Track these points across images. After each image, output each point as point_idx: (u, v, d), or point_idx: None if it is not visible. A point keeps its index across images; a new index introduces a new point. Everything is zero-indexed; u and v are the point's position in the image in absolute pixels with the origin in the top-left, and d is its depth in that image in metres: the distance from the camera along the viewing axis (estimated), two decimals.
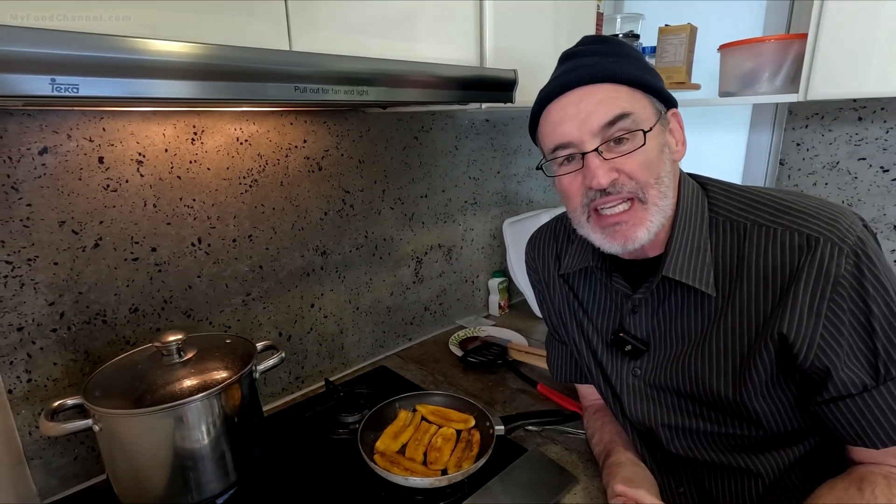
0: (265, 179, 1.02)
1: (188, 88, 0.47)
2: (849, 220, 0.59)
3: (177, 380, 0.75)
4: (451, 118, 1.36)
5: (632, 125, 0.61)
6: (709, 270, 0.65)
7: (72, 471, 0.87)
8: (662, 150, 0.64)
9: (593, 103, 0.62)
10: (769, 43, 1.13)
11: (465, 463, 0.82)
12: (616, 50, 0.65)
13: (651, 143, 0.62)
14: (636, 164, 0.62)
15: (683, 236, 0.66)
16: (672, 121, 0.67)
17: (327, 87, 0.58)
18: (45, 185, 0.78)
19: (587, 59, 0.64)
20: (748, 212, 0.65)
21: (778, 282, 0.60)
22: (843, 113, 1.31)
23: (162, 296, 0.93)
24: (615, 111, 0.61)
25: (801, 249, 0.59)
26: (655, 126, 0.63)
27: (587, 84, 0.62)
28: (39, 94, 0.39)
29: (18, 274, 0.77)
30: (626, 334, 0.75)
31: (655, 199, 0.63)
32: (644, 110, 0.63)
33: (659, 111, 0.65)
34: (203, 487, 0.76)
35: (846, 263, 0.57)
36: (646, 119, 0.62)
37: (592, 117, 0.62)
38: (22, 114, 0.74)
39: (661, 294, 0.70)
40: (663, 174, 0.64)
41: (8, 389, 0.79)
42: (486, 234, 1.57)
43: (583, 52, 0.66)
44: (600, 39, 0.69)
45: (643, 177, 0.62)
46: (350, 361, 1.28)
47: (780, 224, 0.61)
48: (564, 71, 0.65)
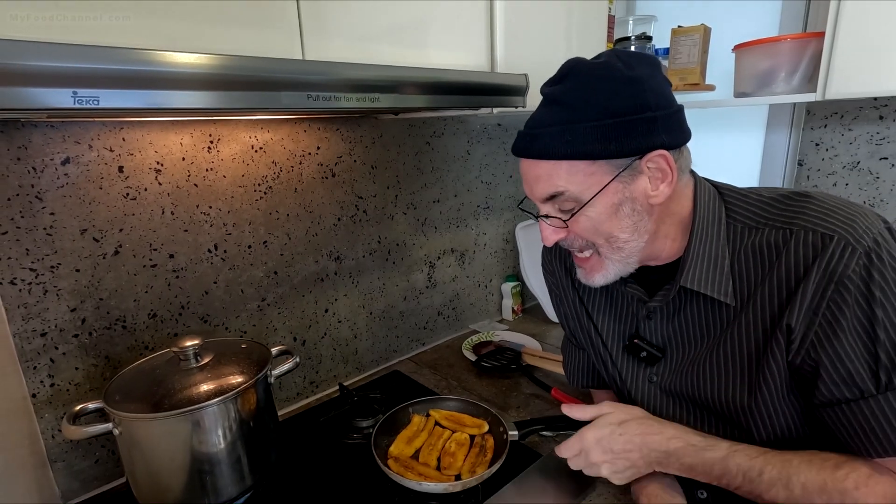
0: (279, 186, 1.04)
1: (205, 98, 0.48)
2: (868, 220, 0.58)
3: (194, 384, 0.76)
4: (463, 123, 1.36)
5: (566, 201, 0.63)
6: (727, 280, 0.64)
7: (93, 474, 0.89)
8: (618, 209, 0.62)
9: (533, 178, 0.64)
10: (785, 42, 1.12)
11: (479, 468, 0.82)
12: (573, 102, 0.60)
13: (596, 209, 0.62)
14: (580, 228, 0.64)
15: (701, 245, 0.65)
16: (651, 165, 0.61)
17: (339, 94, 0.59)
18: (67, 195, 0.80)
19: (538, 118, 0.63)
20: (765, 215, 0.64)
21: (792, 281, 0.59)
22: (863, 112, 1.28)
23: (179, 301, 0.95)
24: (549, 190, 0.63)
25: (815, 248, 0.58)
26: (607, 188, 0.61)
27: (530, 157, 0.63)
28: (62, 107, 0.40)
29: (42, 281, 0.79)
30: (641, 340, 0.74)
31: (608, 253, 0.66)
32: (586, 181, 0.61)
33: (617, 169, 0.60)
34: (220, 491, 0.77)
35: (855, 264, 0.55)
36: (588, 189, 0.61)
37: (535, 190, 0.65)
38: (45, 126, 0.76)
39: (678, 302, 0.69)
40: (617, 232, 0.63)
41: (32, 394, 0.81)
42: (499, 239, 1.56)
43: (547, 96, 0.64)
44: (567, 76, 0.62)
45: (590, 237, 0.65)
46: (364, 366, 1.28)
47: (796, 224, 0.60)
48: (525, 127, 0.64)
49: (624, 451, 0.67)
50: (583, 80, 0.61)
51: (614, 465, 0.68)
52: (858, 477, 0.57)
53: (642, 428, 0.68)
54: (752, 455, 0.62)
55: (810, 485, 0.58)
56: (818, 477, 0.58)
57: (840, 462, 0.59)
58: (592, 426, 0.70)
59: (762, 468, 0.61)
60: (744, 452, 0.63)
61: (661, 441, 0.66)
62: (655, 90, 0.60)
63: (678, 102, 0.64)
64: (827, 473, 0.58)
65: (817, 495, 0.58)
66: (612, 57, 0.62)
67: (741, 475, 0.62)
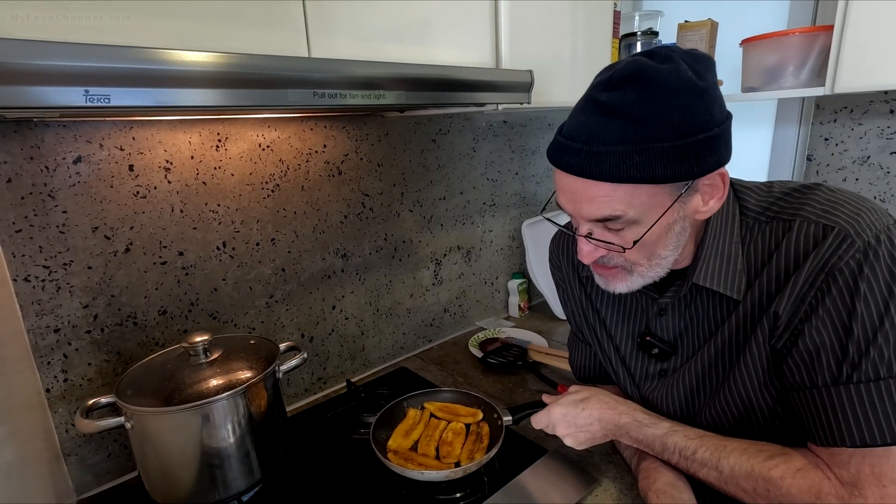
0: (287, 184, 1.05)
1: (212, 96, 0.49)
2: (874, 216, 0.57)
3: (203, 379, 0.77)
4: (469, 120, 1.36)
5: (624, 224, 0.58)
6: (740, 277, 0.64)
7: (105, 467, 0.90)
8: (671, 228, 0.59)
9: (585, 198, 0.57)
10: (794, 36, 1.11)
11: (478, 454, 0.83)
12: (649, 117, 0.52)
13: (654, 231, 0.58)
14: (632, 251, 0.61)
15: (714, 243, 0.65)
16: (707, 182, 0.58)
17: (345, 91, 0.60)
18: (79, 193, 0.81)
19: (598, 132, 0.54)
20: (774, 209, 0.64)
21: (784, 270, 0.60)
22: (873, 106, 1.27)
23: (189, 298, 0.96)
24: (605, 212, 0.57)
25: (816, 239, 0.57)
26: (666, 213, 0.57)
27: (584, 176, 0.56)
28: (75, 105, 0.41)
29: (55, 278, 0.81)
30: (652, 337, 0.75)
31: (642, 271, 0.64)
32: (646, 204, 0.56)
33: (679, 191, 0.57)
34: (229, 484, 0.78)
35: (850, 257, 0.55)
36: (647, 212, 0.57)
37: (583, 209, 0.59)
38: (57, 125, 0.78)
39: (689, 298, 0.70)
40: (661, 250, 0.61)
41: (46, 388, 0.83)
42: (505, 236, 1.57)
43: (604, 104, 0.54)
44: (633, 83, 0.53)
45: (634, 259, 0.62)
46: (371, 362, 1.29)
47: (800, 215, 0.60)
48: (571, 136, 0.56)
49: (586, 424, 0.75)
50: (653, 90, 0.53)
51: (576, 437, 0.76)
52: (787, 469, 0.59)
53: (600, 405, 0.75)
54: (689, 436, 0.68)
55: (738, 469, 0.62)
56: (747, 463, 0.61)
57: (774, 453, 0.61)
58: (558, 403, 0.78)
59: (696, 449, 0.66)
60: (682, 433, 0.69)
61: (614, 416, 0.74)
62: (719, 101, 0.56)
63: None
64: (756, 461, 0.61)
65: (743, 479, 0.61)
66: (680, 62, 0.54)
67: (678, 453, 0.68)
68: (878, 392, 0.53)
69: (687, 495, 0.68)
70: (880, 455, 0.54)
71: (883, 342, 0.53)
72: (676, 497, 0.67)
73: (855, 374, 0.54)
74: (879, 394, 0.53)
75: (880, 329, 0.53)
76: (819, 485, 0.56)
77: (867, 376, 0.54)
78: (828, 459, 0.58)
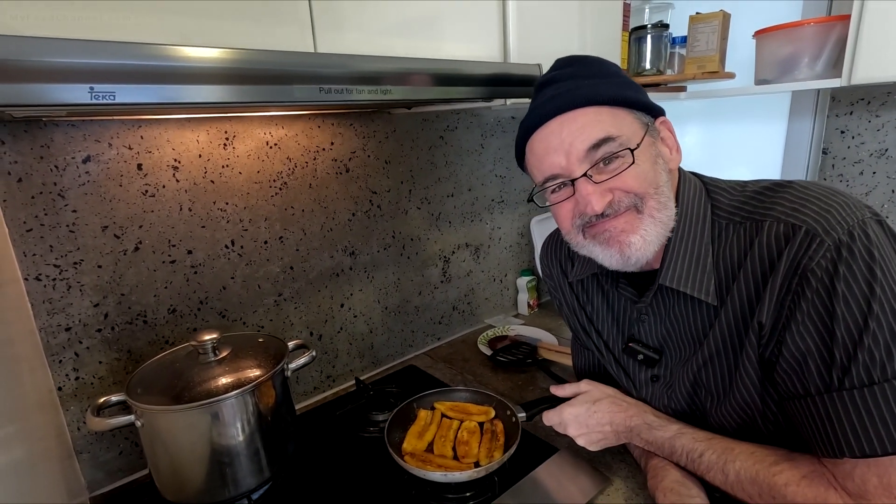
0: (294, 182, 1.05)
1: (217, 93, 0.49)
2: (846, 211, 0.54)
3: (213, 378, 0.77)
4: (477, 116, 1.35)
5: (618, 147, 0.60)
6: (709, 278, 0.63)
7: (117, 465, 0.91)
8: (656, 161, 0.63)
9: (575, 129, 0.61)
10: (808, 27, 1.08)
11: (496, 453, 0.82)
12: (592, 70, 0.65)
13: (642, 158, 0.61)
14: (631, 178, 0.61)
15: (682, 244, 0.64)
16: (662, 129, 0.66)
17: (351, 87, 0.59)
18: (88, 192, 0.82)
19: (564, 85, 0.63)
20: (747, 208, 0.62)
21: (760, 274, 0.58)
22: (891, 97, 1.24)
23: (198, 297, 0.96)
24: (598, 135, 0.60)
25: (785, 238, 0.56)
26: (644, 140, 0.62)
27: (566, 111, 0.62)
28: (80, 103, 0.41)
29: (66, 277, 0.81)
30: (636, 343, 0.74)
31: (653, 210, 0.62)
32: (629, 127, 0.62)
33: (646, 124, 0.64)
34: (239, 482, 0.78)
35: (822, 257, 0.53)
36: (632, 136, 0.62)
37: (576, 143, 0.61)
38: (66, 124, 0.78)
39: (667, 302, 0.69)
40: (661, 183, 0.63)
41: (58, 387, 0.83)
42: (514, 233, 1.55)
43: (557, 77, 0.65)
44: (573, 61, 0.67)
45: (640, 188, 0.61)
46: (380, 360, 1.29)
47: (770, 216, 0.59)
48: (542, 101, 0.64)
49: (598, 424, 0.74)
50: (590, 61, 0.67)
51: (589, 437, 0.75)
52: (791, 476, 0.57)
53: (612, 406, 0.74)
54: (697, 438, 0.67)
55: (743, 473, 0.60)
56: (752, 468, 0.60)
57: (780, 459, 0.59)
58: (571, 403, 0.77)
59: (703, 451, 0.65)
60: (690, 435, 0.68)
61: (625, 418, 0.73)
62: None
63: None
64: (762, 466, 0.59)
65: (748, 484, 0.60)
66: None
67: (685, 455, 0.67)
68: (874, 397, 0.50)
69: (696, 491, 0.66)
70: (886, 464, 0.51)
71: (871, 343, 0.50)
72: (684, 494, 0.66)
73: (846, 379, 0.52)
74: (875, 399, 0.50)
75: (865, 330, 0.51)
76: (825, 495, 0.54)
77: (859, 381, 0.51)
78: (832, 469, 0.55)
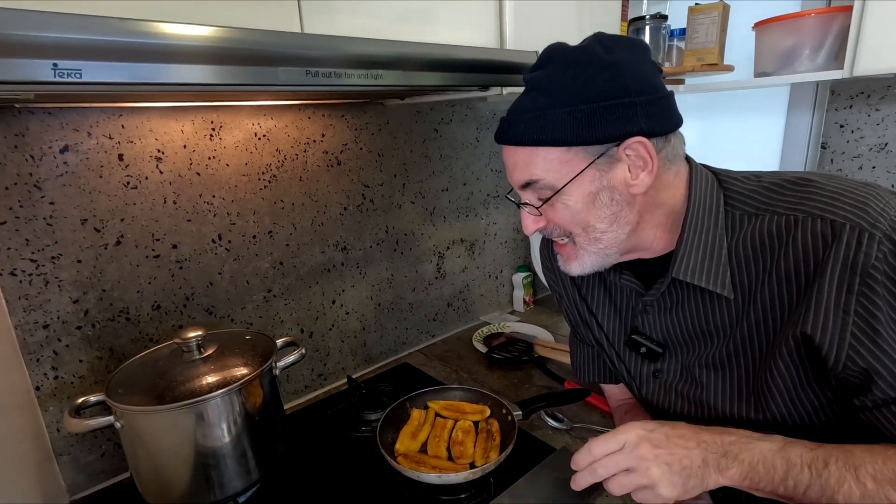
0: (284, 175, 1.01)
1: (196, 73, 0.45)
2: (882, 201, 0.52)
3: (197, 376, 0.74)
4: (472, 109, 1.32)
5: (542, 189, 0.61)
6: (724, 270, 0.60)
7: (99, 467, 0.88)
8: (596, 197, 0.60)
9: (511, 165, 0.63)
10: (809, 17, 1.06)
11: (492, 453, 0.80)
12: (558, 86, 0.58)
13: (574, 197, 0.60)
14: (557, 216, 0.63)
15: (695, 235, 0.61)
16: (630, 153, 0.59)
17: (340, 70, 0.56)
18: (66, 184, 0.78)
19: (519, 104, 0.61)
20: (766, 201, 0.59)
21: (802, 276, 0.54)
22: (891, 91, 1.22)
23: (184, 293, 0.93)
24: (525, 177, 0.62)
25: (825, 238, 0.53)
26: (581, 176, 0.59)
27: (510, 143, 0.62)
28: (42, 80, 0.38)
29: (43, 272, 0.78)
30: (639, 336, 0.71)
31: (584, 244, 0.63)
32: (562, 169, 0.59)
33: (593, 157, 0.58)
34: (225, 485, 0.75)
35: (878, 251, 0.50)
36: (562, 176, 0.59)
37: (513, 176, 0.64)
38: (43, 112, 0.75)
39: (676, 295, 0.66)
40: (594, 222, 0.61)
41: (35, 386, 0.80)
42: (510, 228, 1.53)
43: (530, 83, 0.61)
44: (551, 60, 0.61)
45: (567, 226, 0.63)
46: (373, 358, 1.26)
47: (800, 210, 0.55)
48: (505, 116, 0.63)
49: (680, 437, 0.57)
50: (560, 65, 0.59)
51: (671, 457, 0.55)
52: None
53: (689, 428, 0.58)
54: (809, 446, 0.54)
55: (881, 475, 0.50)
56: (885, 467, 0.50)
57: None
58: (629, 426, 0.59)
59: (826, 459, 0.52)
60: (800, 443, 0.54)
61: (713, 436, 0.57)
62: (637, 75, 0.58)
63: (667, 89, 0.60)
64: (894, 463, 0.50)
65: (888, 485, 0.49)
66: (593, 41, 0.60)
67: (806, 469, 0.52)
68: None
69: None
70: None
71: None
72: None
73: None
74: None
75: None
76: None
77: None
78: None
